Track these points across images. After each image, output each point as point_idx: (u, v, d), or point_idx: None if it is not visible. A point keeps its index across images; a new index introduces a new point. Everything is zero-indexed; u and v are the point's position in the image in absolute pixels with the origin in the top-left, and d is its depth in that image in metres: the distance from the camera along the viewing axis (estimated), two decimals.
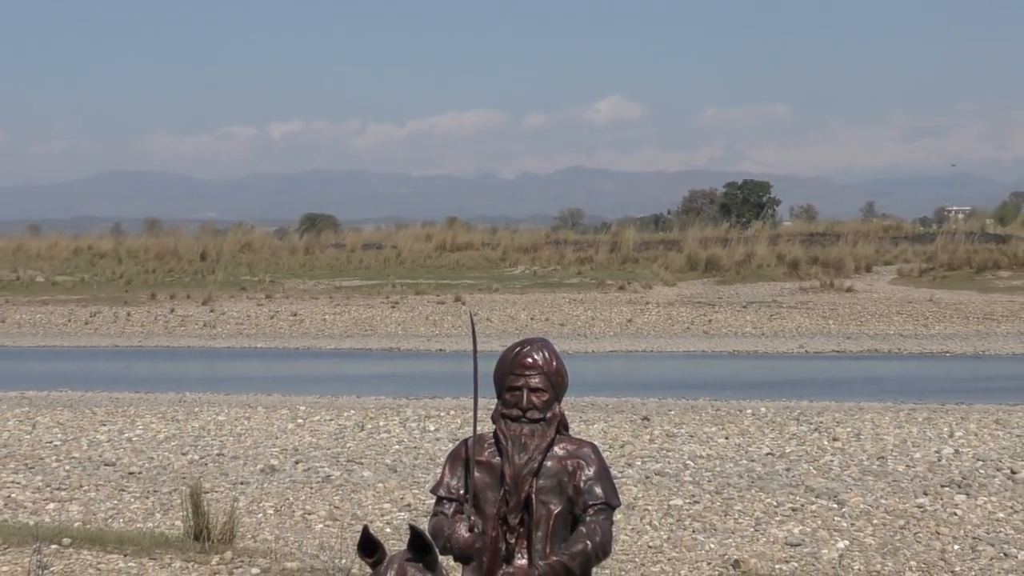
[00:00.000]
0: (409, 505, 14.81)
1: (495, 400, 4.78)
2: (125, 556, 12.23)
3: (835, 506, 14.76)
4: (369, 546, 3.97)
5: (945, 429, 20.30)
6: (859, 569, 12.19)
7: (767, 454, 18.38)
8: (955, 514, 14.35)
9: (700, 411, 22.86)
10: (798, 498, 15.22)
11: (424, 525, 4.24)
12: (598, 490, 4.61)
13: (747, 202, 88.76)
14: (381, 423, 21.51)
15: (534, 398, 4.67)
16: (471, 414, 4.80)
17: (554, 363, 4.77)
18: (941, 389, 27.01)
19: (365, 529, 4.03)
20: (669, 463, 17.69)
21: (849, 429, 20.35)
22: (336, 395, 26.17)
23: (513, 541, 4.56)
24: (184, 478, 16.14)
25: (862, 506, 14.72)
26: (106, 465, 17.98)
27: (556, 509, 4.58)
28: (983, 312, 45.85)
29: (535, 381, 4.68)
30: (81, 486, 16.35)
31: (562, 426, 4.75)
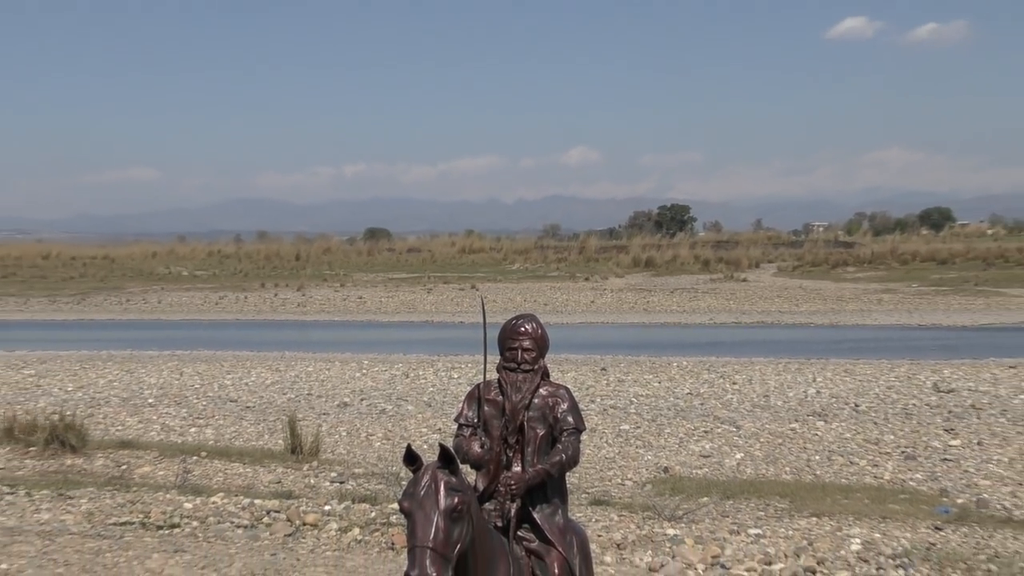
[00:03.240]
0: (440, 430, 14.83)
1: (499, 356, 4.77)
2: (243, 464, 12.27)
3: (734, 429, 14.79)
4: (412, 458, 3.96)
5: (810, 376, 20.34)
6: (750, 473, 12.22)
7: (687, 393, 18.42)
8: (817, 434, 14.39)
9: (641, 364, 22.90)
10: (708, 424, 15.26)
11: (449, 443, 4.22)
12: (570, 419, 4.59)
13: (673, 220, 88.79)
14: (420, 372, 21.53)
15: (526, 355, 4.65)
16: (482, 366, 4.78)
17: (540, 331, 4.76)
18: (807, 348, 27.03)
19: (408, 446, 4.01)
20: (619, 400, 17.72)
21: (744, 376, 20.38)
22: (389, 353, 26.19)
23: (511, 455, 4.56)
24: (284, 411, 16.18)
25: (752, 429, 14.75)
26: (230, 401, 18.01)
27: (541, 432, 4.57)
28: (836, 295, 45.90)
29: (526, 343, 4.67)
30: (213, 416, 16.39)
31: (545, 374, 4.74)
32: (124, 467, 11.87)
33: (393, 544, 8.44)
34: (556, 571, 4.42)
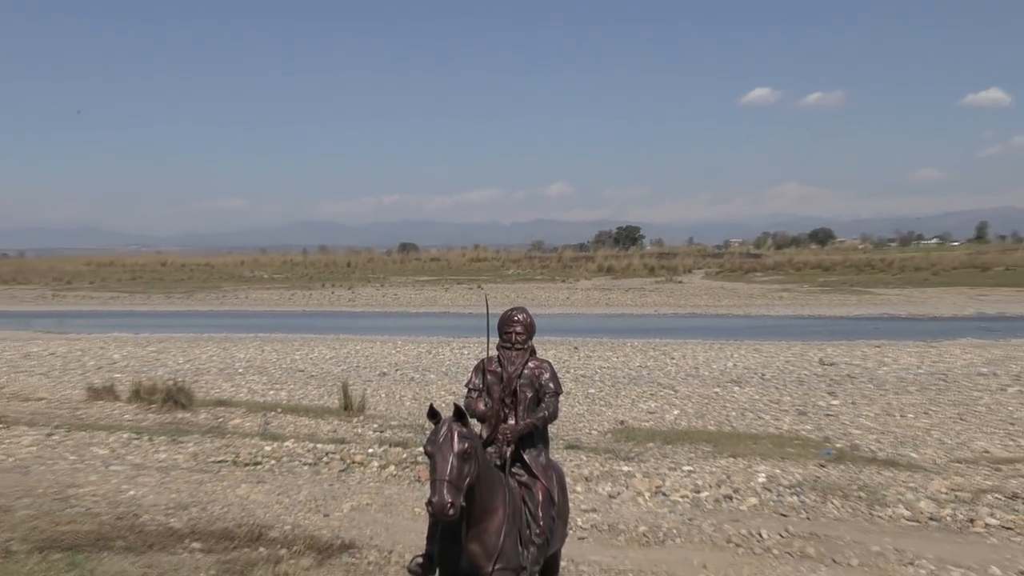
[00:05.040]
0: (454, 393, 14.81)
1: (498, 338, 4.77)
2: (308, 418, 12.25)
3: (673, 392, 14.79)
4: (433, 413, 3.97)
5: (729, 352, 20.34)
6: (685, 425, 12.22)
7: (638, 366, 18.40)
8: (733, 396, 14.39)
9: (604, 344, 22.89)
10: (654, 388, 15.26)
11: (461, 403, 4.23)
12: (551, 385, 4.60)
13: (628, 237, 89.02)
14: (440, 350, 21.50)
15: (518, 337, 4.66)
16: (486, 345, 4.78)
17: (529, 319, 4.76)
18: (726, 333, 27.02)
19: (431, 405, 4.02)
20: (588, 371, 17.71)
21: (680, 353, 20.38)
22: (416, 336, 26.13)
23: (507, 412, 4.56)
24: (339, 378, 16.15)
25: (686, 392, 14.75)
26: (299, 371, 17.97)
27: (530, 395, 4.58)
28: (748, 294, 45.88)
29: (518, 328, 4.68)
30: (286, 382, 16.35)
31: (532, 352, 4.74)
32: (220, 420, 11.86)
33: (419, 478, 8.46)
34: (540, 498, 4.44)
